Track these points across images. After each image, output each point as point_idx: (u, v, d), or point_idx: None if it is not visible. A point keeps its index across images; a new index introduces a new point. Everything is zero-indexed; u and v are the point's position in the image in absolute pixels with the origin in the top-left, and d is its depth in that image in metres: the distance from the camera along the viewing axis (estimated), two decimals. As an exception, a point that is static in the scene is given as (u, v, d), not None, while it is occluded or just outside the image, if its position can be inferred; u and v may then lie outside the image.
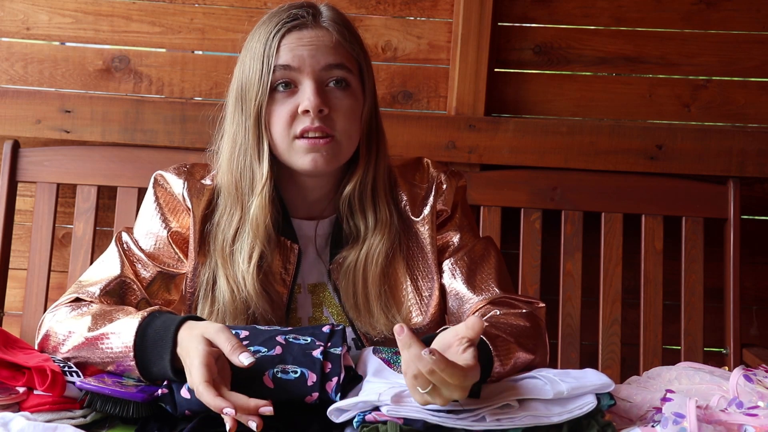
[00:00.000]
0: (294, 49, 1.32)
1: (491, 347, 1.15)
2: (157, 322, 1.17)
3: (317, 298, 1.43)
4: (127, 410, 1.10)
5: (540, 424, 1.04)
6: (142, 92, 2.21)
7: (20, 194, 2.15)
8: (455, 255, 1.43)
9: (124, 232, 1.43)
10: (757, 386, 1.16)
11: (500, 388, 1.11)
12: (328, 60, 1.33)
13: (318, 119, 1.31)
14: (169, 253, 1.40)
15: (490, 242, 1.48)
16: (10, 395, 1.10)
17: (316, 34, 1.34)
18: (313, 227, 1.43)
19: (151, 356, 1.14)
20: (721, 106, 2.24)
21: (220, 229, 1.38)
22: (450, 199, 1.44)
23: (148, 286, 1.39)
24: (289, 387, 1.10)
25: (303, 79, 1.32)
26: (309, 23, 1.34)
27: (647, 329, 2.10)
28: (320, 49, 1.33)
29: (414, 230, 1.43)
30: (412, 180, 1.46)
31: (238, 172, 1.37)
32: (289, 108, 1.33)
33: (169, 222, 1.40)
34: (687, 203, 2.13)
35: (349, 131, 1.35)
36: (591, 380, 1.09)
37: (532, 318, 1.33)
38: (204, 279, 1.38)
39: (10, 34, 2.19)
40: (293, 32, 1.33)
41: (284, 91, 1.33)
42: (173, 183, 1.42)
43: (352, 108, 1.35)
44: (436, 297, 1.42)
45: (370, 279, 1.37)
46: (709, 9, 2.22)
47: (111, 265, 1.39)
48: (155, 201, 1.42)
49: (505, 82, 2.23)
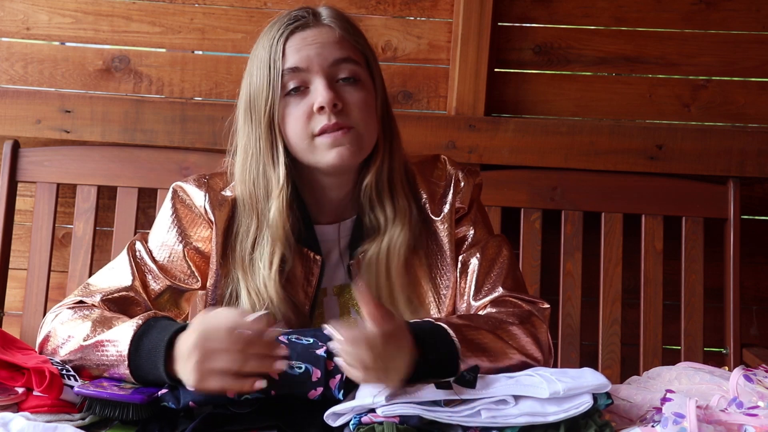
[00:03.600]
0: (300, 50, 1.32)
1: (451, 331, 1.20)
2: (153, 331, 1.16)
3: (344, 300, 1.42)
4: (126, 413, 1.10)
5: (536, 423, 1.04)
6: (142, 92, 2.21)
7: (20, 194, 2.15)
8: (469, 251, 1.42)
9: (138, 241, 1.41)
10: (757, 386, 1.16)
11: (496, 382, 1.11)
12: (335, 55, 1.33)
13: (334, 114, 1.30)
14: (182, 267, 1.38)
15: (504, 240, 1.47)
16: (9, 396, 1.10)
17: (320, 32, 1.34)
18: (335, 231, 1.42)
19: (145, 365, 1.15)
20: (721, 106, 2.23)
21: (239, 241, 1.37)
22: (467, 197, 1.44)
23: (156, 298, 1.37)
24: (294, 381, 1.11)
25: (313, 78, 1.32)
26: (310, 22, 1.34)
27: (647, 329, 2.10)
28: (326, 45, 1.33)
29: (433, 228, 1.42)
30: (430, 177, 1.45)
31: (251, 182, 1.36)
32: (303, 109, 1.32)
33: (186, 237, 1.39)
34: (687, 203, 2.13)
35: (366, 122, 1.34)
36: (588, 380, 1.09)
37: (527, 315, 1.33)
38: (227, 293, 1.37)
39: (10, 34, 2.19)
40: (296, 33, 1.33)
41: (296, 94, 1.33)
42: (194, 195, 1.40)
43: (366, 100, 1.35)
44: (451, 294, 1.42)
45: (394, 271, 1.36)
46: (709, 9, 2.22)
47: (121, 275, 1.37)
48: (173, 214, 1.40)
49: (505, 82, 2.23)
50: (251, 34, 2.18)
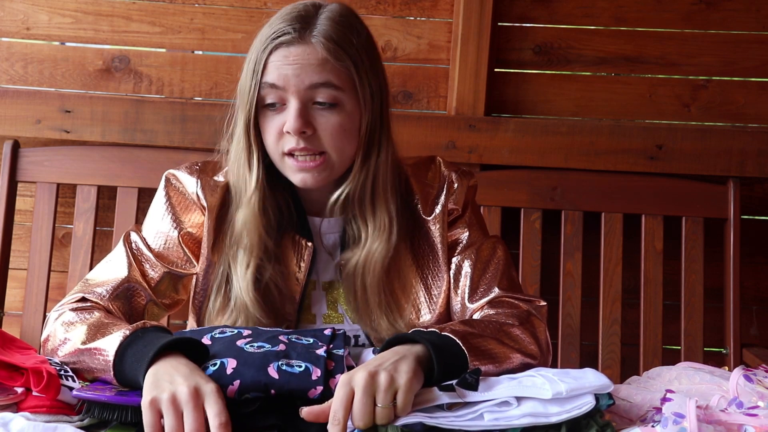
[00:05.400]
0: (279, 68, 1.30)
1: (461, 345, 1.17)
2: (139, 342, 1.15)
3: (332, 296, 1.42)
4: (125, 415, 1.10)
5: (538, 424, 1.04)
6: (142, 92, 2.21)
7: (20, 194, 2.15)
8: (463, 253, 1.43)
9: (133, 231, 1.42)
10: (757, 386, 1.16)
11: (498, 384, 1.11)
12: (312, 79, 1.29)
13: (303, 140, 1.30)
14: (179, 253, 1.40)
15: (498, 241, 1.48)
16: (8, 396, 1.10)
17: (303, 51, 1.29)
18: (327, 224, 1.42)
19: (129, 376, 1.13)
20: (721, 106, 2.24)
21: (231, 226, 1.38)
22: (461, 199, 1.44)
23: (156, 285, 1.39)
24: (294, 379, 1.10)
25: (288, 97, 1.30)
26: (295, 40, 1.30)
27: (647, 329, 2.10)
28: (305, 68, 1.29)
29: (425, 229, 1.43)
30: (424, 179, 1.45)
31: (237, 174, 1.37)
32: (277, 125, 1.32)
33: (180, 222, 1.40)
34: (687, 203, 2.13)
35: (340, 147, 1.33)
36: (590, 380, 1.09)
37: (525, 315, 1.33)
38: (219, 271, 1.38)
39: (10, 34, 2.19)
40: (280, 49, 1.30)
41: (273, 109, 1.32)
42: (186, 182, 1.41)
43: (342, 125, 1.32)
44: (444, 295, 1.42)
45: (369, 286, 1.36)
46: (709, 9, 2.22)
47: (118, 266, 1.38)
48: (167, 201, 1.42)
49: (505, 82, 2.23)
50: (251, 34, 2.14)
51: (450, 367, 1.14)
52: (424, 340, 1.15)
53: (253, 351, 1.14)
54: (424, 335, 1.17)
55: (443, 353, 1.14)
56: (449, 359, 1.15)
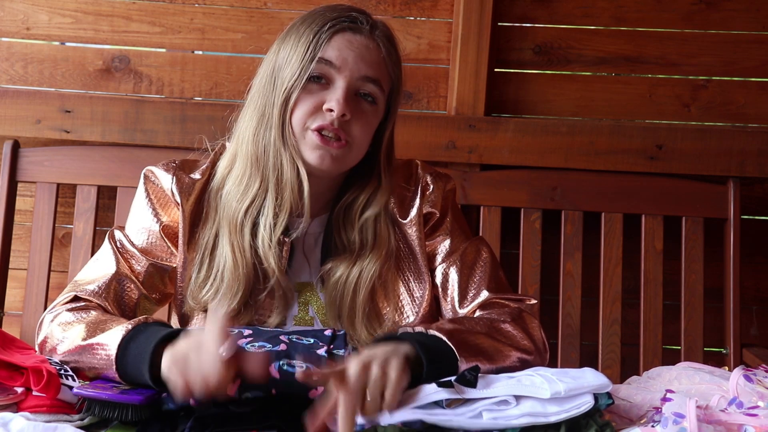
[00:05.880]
0: (342, 49, 1.33)
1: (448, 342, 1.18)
2: (141, 336, 1.17)
3: (303, 297, 1.42)
4: (125, 414, 1.10)
5: (537, 424, 1.04)
6: (142, 92, 2.21)
7: (20, 194, 2.15)
8: (447, 260, 1.44)
9: (117, 230, 1.44)
10: (757, 386, 1.16)
11: (497, 382, 1.11)
12: (368, 72, 1.34)
13: (338, 121, 1.32)
14: (162, 246, 1.41)
15: (482, 242, 1.49)
16: (8, 395, 1.10)
17: (367, 44, 1.35)
18: (303, 224, 1.42)
19: (132, 370, 1.15)
20: (721, 106, 2.23)
21: (232, 197, 1.38)
22: (438, 202, 1.45)
23: (144, 280, 1.40)
24: (295, 380, 1.10)
25: (338, 79, 1.33)
26: (364, 31, 1.36)
27: (647, 329, 2.10)
28: (365, 58, 1.34)
29: (402, 231, 1.44)
30: (401, 182, 1.46)
31: (261, 146, 1.36)
32: (315, 100, 1.33)
33: (160, 216, 1.42)
34: (687, 203, 2.13)
35: (361, 141, 1.37)
36: (589, 380, 1.09)
37: (517, 313, 1.35)
38: (203, 243, 1.39)
39: (10, 34, 2.19)
40: (347, 33, 1.35)
41: (316, 83, 1.34)
42: (162, 178, 1.43)
43: (371, 122, 1.37)
44: (428, 299, 1.43)
45: (359, 299, 1.38)
46: (709, 9, 2.22)
47: (106, 264, 1.40)
48: (146, 196, 1.43)
49: (505, 82, 2.23)
50: (251, 34, 2.19)
51: (439, 364, 1.15)
52: (412, 339, 1.17)
53: (254, 351, 1.14)
54: (412, 335, 1.19)
55: (430, 351, 1.16)
56: (437, 356, 1.16)
